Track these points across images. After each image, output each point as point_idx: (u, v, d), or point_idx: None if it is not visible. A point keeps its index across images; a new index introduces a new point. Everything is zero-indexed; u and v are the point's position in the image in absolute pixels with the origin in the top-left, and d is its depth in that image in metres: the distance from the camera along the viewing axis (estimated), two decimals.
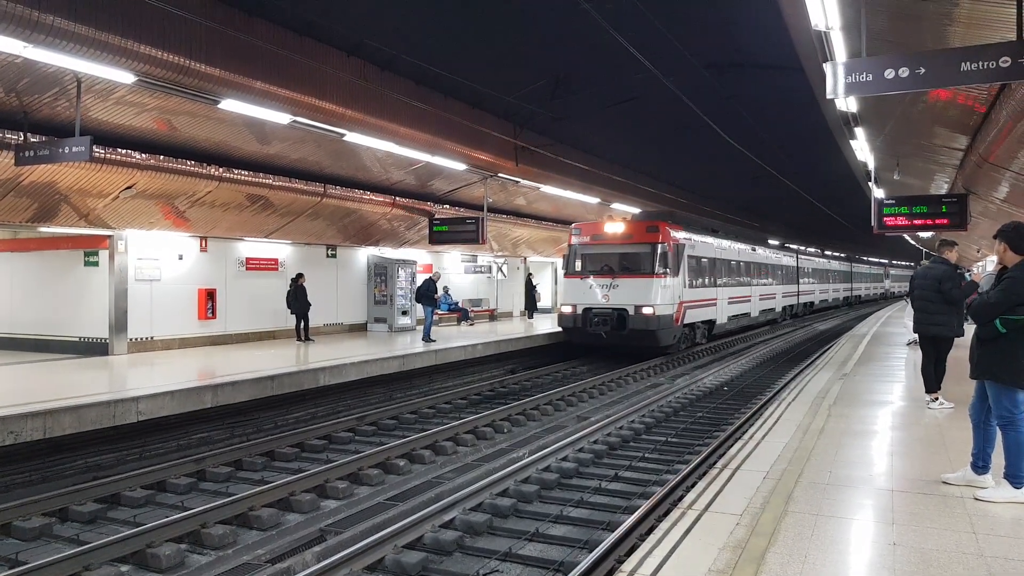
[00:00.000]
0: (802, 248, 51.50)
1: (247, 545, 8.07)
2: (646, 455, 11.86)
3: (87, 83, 13.35)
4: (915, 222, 19.35)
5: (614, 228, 24.12)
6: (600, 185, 30.26)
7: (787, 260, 42.72)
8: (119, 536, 7.69)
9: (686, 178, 44.91)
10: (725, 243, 30.43)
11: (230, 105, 14.26)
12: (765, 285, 36.24)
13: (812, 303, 50.03)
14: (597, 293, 23.32)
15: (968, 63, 8.30)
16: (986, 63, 8.18)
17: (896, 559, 5.31)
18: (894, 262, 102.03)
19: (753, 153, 31.52)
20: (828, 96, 9.34)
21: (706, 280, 27.11)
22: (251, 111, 14.63)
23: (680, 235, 24.69)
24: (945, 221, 18.85)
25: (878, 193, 23.74)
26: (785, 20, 12.64)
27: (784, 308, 41.16)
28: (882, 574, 5.10)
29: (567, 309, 23.74)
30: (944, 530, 5.88)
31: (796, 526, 5.99)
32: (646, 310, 22.40)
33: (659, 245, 23.25)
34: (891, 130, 16.70)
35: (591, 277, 23.73)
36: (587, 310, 23.21)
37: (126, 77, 12.28)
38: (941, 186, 22.91)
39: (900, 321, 29.30)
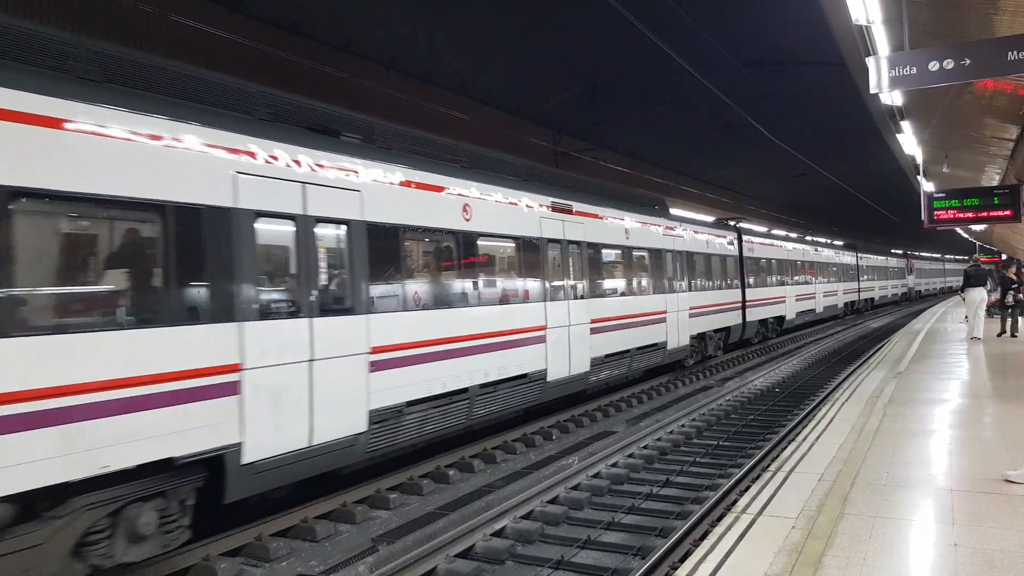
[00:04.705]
0: (750, 228, 30.91)
1: (301, 556, 8.14)
2: (698, 459, 11.74)
3: None
4: (967, 215, 19.01)
5: None
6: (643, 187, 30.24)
7: (718, 246, 24.33)
8: (177, 552, 7.80)
9: (730, 179, 44.66)
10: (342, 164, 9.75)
11: None
12: (624, 303, 17.00)
13: (779, 320, 30.75)
14: None
15: (1015, 52, 8.15)
16: None
17: (958, 561, 5.19)
18: (918, 253, 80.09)
19: (797, 151, 31.22)
20: (872, 91, 9.24)
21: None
22: None
23: None
24: (998, 213, 18.49)
25: (927, 187, 23.35)
26: (825, 15, 12.50)
27: (721, 331, 23.98)
28: None
29: None
30: (1008, 530, 5.73)
31: (853, 528, 5.88)
32: None
33: None
34: (938, 122, 16.41)
35: None
36: None
37: None
38: (992, 177, 22.45)
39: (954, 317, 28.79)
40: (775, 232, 35.70)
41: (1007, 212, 18.25)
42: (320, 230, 9.17)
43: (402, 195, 10.64)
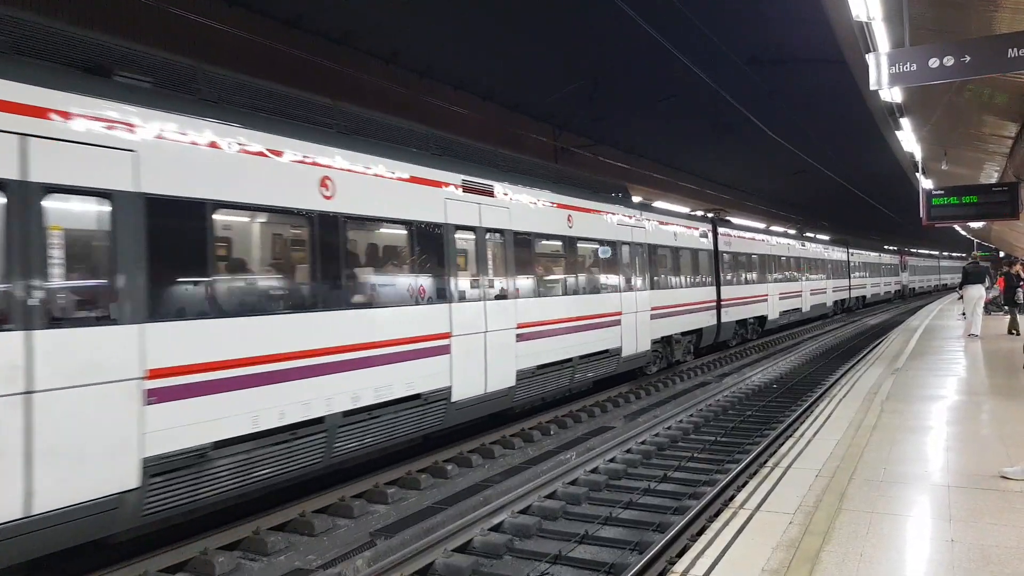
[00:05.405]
0: (727, 220, 27.05)
1: (299, 550, 8.15)
2: (695, 455, 11.76)
3: None
4: (965, 212, 19.00)
5: None
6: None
7: (689, 239, 21.82)
8: (174, 546, 7.81)
9: (730, 175, 44.66)
10: None
11: None
12: None
13: (761, 320, 28.64)
14: None
15: (1015, 49, 8.15)
16: None
17: (955, 556, 5.20)
18: (912, 250, 77.30)
19: (796, 147, 31.24)
20: (872, 87, 9.24)
21: None
22: None
23: None
24: (996, 211, 18.49)
25: (926, 184, 23.36)
26: (826, 12, 12.49)
27: (691, 334, 21.64)
28: (941, 572, 5.00)
29: None
30: (1004, 526, 5.75)
31: (851, 524, 5.90)
32: None
33: None
34: (938, 119, 16.40)
35: None
36: None
37: None
38: (991, 175, 22.46)
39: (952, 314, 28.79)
40: (756, 225, 32.29)
41: (1005, 210, 18.25)
42: (54, 204, 6.34)
43: (213, 160, 7.71)
